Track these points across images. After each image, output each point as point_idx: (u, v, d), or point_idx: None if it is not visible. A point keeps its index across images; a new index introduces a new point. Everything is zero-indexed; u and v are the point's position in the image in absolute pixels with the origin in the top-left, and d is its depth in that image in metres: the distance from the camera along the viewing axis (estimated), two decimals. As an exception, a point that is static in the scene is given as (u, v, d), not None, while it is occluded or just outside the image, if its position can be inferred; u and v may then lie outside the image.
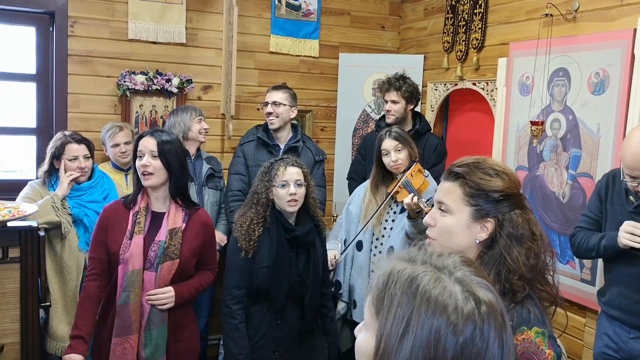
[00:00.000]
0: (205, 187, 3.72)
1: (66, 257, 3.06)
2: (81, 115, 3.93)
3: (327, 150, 4.31)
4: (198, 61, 4.22)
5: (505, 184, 1.52)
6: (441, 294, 0.86)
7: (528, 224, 1.50)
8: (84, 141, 3.21)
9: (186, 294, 2.62)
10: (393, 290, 0.89)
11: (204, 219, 2.70)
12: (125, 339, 2.51)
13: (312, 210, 2.85)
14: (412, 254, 0.96)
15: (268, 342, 2.75)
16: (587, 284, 3.06)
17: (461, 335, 0.84)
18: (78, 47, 3.89)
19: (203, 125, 3.71)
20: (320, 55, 4.62)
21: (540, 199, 3.33)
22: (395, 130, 3.32)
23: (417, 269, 0.91)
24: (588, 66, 3.05)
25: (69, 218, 3.07)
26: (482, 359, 0.84)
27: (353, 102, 4.65)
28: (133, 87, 3.93)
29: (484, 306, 0.86)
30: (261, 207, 2.74)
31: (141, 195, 2.61)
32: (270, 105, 3.69)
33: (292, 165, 2.76)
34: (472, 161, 1.58)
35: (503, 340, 0.86)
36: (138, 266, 2.50)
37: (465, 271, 0.91)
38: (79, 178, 3.17)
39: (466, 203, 1.52)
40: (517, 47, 3.52)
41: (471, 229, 1.52)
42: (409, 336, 0.84)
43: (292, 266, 2.74)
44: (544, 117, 3.27)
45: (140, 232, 2.53)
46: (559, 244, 3.23)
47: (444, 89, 4.25)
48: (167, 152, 2.55)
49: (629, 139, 2.41)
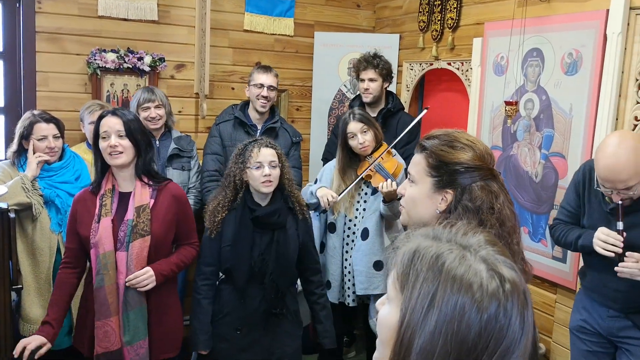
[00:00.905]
0: (169, 167, 3.62)
1: (38, 239, 3.01)
2: (50, 94, 3.84)
3: (303, 130, 4.29)
4: (170, 39, 4.15)
5: (469, 156, 1.54)
6: (467, 272, 0.89)
7: (489, 197, 1.51)
8: (53, 120, 3.14)
9: (167, 272, 2.59)
10: (419, 266, 0.91)
11: (175, 192, 2.66)
12: (105, 322, 2.50)
13: (288, 191, 2.83)
14: (437, 232, 0.99)
15: (232, 321, 2.78)
16: (559, 262, 3.12)
17: (485, 312, 0.86)
18: (46, 24, 3.78)
19: (150, 113, 3.54)
20: (295, 34, 4.57)
21: (513, 178, 3.37)
22: (359, 112, 3.33)
23: (443, 247, 0.93)
24: (561, 47, 3.07)
25: (40, 199, 3.01)
26: (504, 335, 0.86)
27: (328, 82, 4.63)
28: (104, 65, 3.85)
29: (507, 284, 0.89)
30: (231, 191, 2.75)
31: (106, 178, 2.58)
32: (267, 89, 3.66)
33: (267, 146, 2.76)
34: (440, 134, 1.61)
35: (524, 318, 0.89)
36: (109, 248, 2.48)
37: (489, 250, 0.94)
38: (50, 159, 3.10)
39: (428, 174, 1.57)
40: (492, 27, 3.53)
41: (432, 199, 1.56)
42: (434, 311, 0.87)
43: (255, 246, 2.74)
44: (517, 97, 3.30)
45: (107, 214, 2.51)
46: (531, 222, 3.28)
47: (420, 69, 4.25)
48: (134, 131, 2.52)
49: (603, 150, 2.32)
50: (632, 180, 2.22)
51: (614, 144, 2.27)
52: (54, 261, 3.02)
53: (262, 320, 2.77)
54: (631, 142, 2.24)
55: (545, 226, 3.18)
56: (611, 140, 2.31)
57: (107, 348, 2.51)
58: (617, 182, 2.25)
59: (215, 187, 3.58)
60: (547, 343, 3.24)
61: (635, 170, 2.20)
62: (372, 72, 3.74)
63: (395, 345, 0.91)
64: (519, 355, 0.88)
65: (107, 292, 2.49)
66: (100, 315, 2.50)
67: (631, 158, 2.21)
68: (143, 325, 2.54)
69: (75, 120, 3.71)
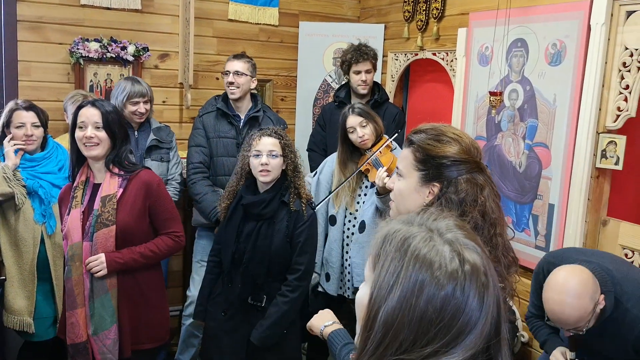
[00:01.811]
0: (148, 159, 3.57)
1: (21, 230, 2.98)
2: (32, 84, 3.79)
3: (288, 120, 4.28)
4: (154, 28, 4.11)
5: (455, 150, 1.56)
6: (429, 252, 0.95)
7: (474, 189, 1.53)
8: (34, 109, 3.09)
9: (125, 259, 2.53)
10: (388, 248, 0.98)
11: (146, 179, 2.60)
12: (73, 312, 2.51)
13: (289, 182, 2.81)
14: (411, 217, 1.05)
15: (220, 302, 2.86)
16: (542, 251, 3.15)
17: (443, 290, 0.92)
18: (28, 13, 3.73)
19: (138, 108, 3.49)
20: (280, 23, 4.55)
21: (497, 169, 3.40)
22: (358, 106, 3.31)
23: (412, 230, 1.00)
24: (545, 37, 3.09)
25: (22, 190, 2.98)
26: (461, 313, 0.92)
27: (313, 72, 4.61)
28: (86, 54, 3.81)
29: (467, 265, 0.94)
30: (238, 177, 2.85)
31: (81, 170, 2.57)
32: (232, 74, 3.62)
33: (269, 135, 2.79)
34: (427, 128, 1.64)
35: (483, 299, 0.94)
36: (76, 239, 2.49)
37: (456, 233, 1.00)
38: (27, 147, 3.06)
39: (415, 168, 1.59)
40: (477, 17, 3.54)
41: (420, 193, 1.58)
42: (397, 287, 0.94)
43: (241, 234, 2.79)
44: (502, 88, 3.31)
45: (77, 205, 2.51)
46: (515, 212, 3.31)
47: (405, 59, 4.25)
48: (111, 123, 2.51)
49: (549, 293, 2.16)
50: (579, 323, 2.14)
51: (558, 291, 2.14)
52: (38, 252, 2.99)
53: (245, 309, 2.80)
54: (576, 289, 2.10)
55: (529, 216, 3.21)
56: (556, 285, 2.16)
57: (74, 340, 2.52)
58: (564, 326, 2.20)
59: (201, 178, 3.58)
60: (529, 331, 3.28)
61: (580, 317, 2.11)
62: (369, 63, 3.74)
63: (363, 319, 0.99)
64: (476, 335, 0.93)
65: (74, 283, 2.50)
66: (68, 306, 2.53)
67: (576, 306, 2.10)
68: (108, 315, 2.52)
69: (58, 110, 3.67)
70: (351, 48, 3.81)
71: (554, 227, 3.04)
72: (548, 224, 3.08)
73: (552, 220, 3.06)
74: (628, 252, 2.72)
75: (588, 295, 2.11)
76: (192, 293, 3.65)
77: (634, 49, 2.65)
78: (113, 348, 2.53)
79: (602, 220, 2.89)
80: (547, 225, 3.09)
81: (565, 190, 2.97)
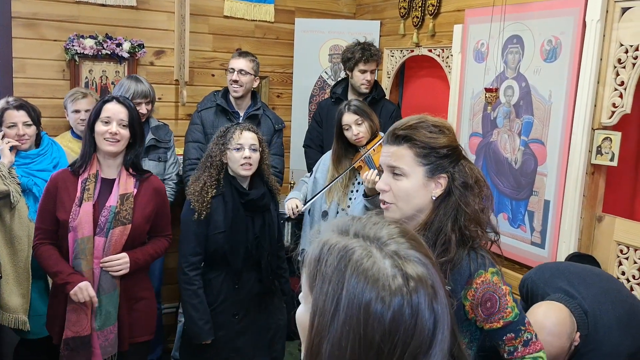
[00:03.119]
0: (146, 158, 3.54)
1: (16, 228, 2.97)
2: (27, 81, 3.78)
3: (284, 117, 4.28)
4: (150, 25, 4.09)
5: (448, 138, 1.59)
6: (370, 269, 0.86)
7: (473, 171, 1.59)
8: (25, 107, 3.07)
9: (141, 260, 2.61)
10: (324, 268, 0.88)
11: (156, 185, 2.70)
12: (79, 306, 2.51)
13: (266, 176, 2.89)
14: (346, 224, 0.95)
15: (228, 307, 2.81)
16: (538, 247, 3.16)
17: (389, 310, 0.84)
18: (22, 9, 3.72)
19: (140, 109, 3.44)
20: (275, 20, 4.54)
21: (493, 165, 3.40)
22: (355, 103, 3.29)
23: (349, 243, 0.90)
24: (541, 33, 3.09)
25: (17, 187, 2.97)
26: (413, 334, 0.85)
27: (309, 69, 4.61)
28: (82, 51, 3.80)
29: (412, 282, 0.86)
30: (214, 169, 2.77)
31: (91, 162, 2.57)
32: (237, 72, 3.62)
33: (248, 130, 2.82)
34: (415, 122, 1.63)
35: (434, 310, 0.87)
36: (88, 233, 2.48)
37: (399, 244, 0.90)
38: (21, 146, 3.05)
39: (419, 163, 1.58)
40: (473, 13, 3.53)
41: (427, 187, 1.59)
42: (340, 314, 0.85)
43: (249, 230, 2.79)
44: (497, 84, 3.31)
45: (90, 198, 2.51)
46: (510, 208, 3.31)
47: (400, 56, 4.25)
48: (135, 122, 2.56)
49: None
50: (559, 357, 2.12)
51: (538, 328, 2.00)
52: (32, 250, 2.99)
53: (257, 301, 2.84)
54: (554, 328, 2.08)
55: (525, 212, 3.22)
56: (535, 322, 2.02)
57: (78, 332, 2.52)
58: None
59: None
60: (526, 327, 3.29)
61: (557, 354, 2.09)
62: (375, 64, 3.73)
63: (306, 349, 0.90)
64: (437, 350, 0.86)
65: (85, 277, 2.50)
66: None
67: (554, 344, 2.06)
68: (114, 311, 2.56)
69: (54, 108, 3.66)
70: (358, 46, 3.76)
71: (549, 223, 3.05)
72: (544, 220, 3.09)
73: (548, 216, 3.06)
74: (623, 248, 2.73)
75: (565, 334, 2.10)
76: None
77: (629, 45, 2.65)
78: (114, 342, 2.58)
79: (598, 217, 2.90)
80: (542, 221, 3.09)
81: (560, 186, 2.97)
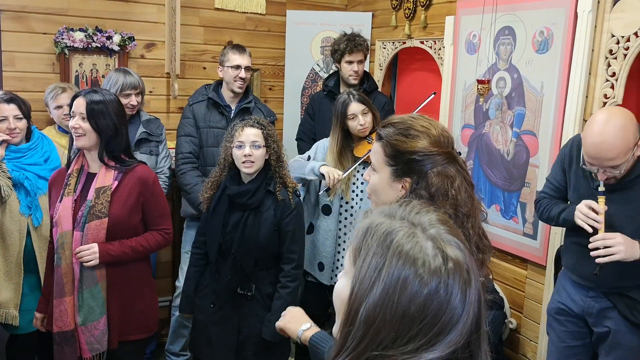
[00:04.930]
0: (137, 152, 3.51)
1: (7, 222, 2.95)
2: (16, 75, 3.74)
3: (276, 109, 4.26)
4: (140, 17, 4.06)
5: (424, 144, 1.51)
6: (413, 248, 0.93)
7: (444, 183, 1.49)
8: (15, 101, 3.05)
9: (116, 252, 2.54)
10: (370, 242, 0.96)
11: (141, 174, 2.61)
12: (61, 300, 2.52)
13: (273, 172, 2.82)
14: (393, 209, 1.02)
15: (209, 293, 2.86)
16: (529, 238, 3.17)
17: (426, 287, 0.90)
18: (11, 2, 3.67)
19: (130, 100, 3.43)
20: (267, 12, 4.52)
21: (485, 157, 3.41)
22: (358, 93, 3.29)
23: (394, 224, 0.97)
24: (533, 25, 3.09)
25: (8, 182, 2.95)
26: (444, 311, 0.91)
27: (301, 61, 4.59)
28: (71, 44, 3.76)
29: (450, 263, 0.93)
30: (221, 168, 2.84)
31: (77, 157, 2.58)
32: (244, 70, 3.60)
33: (251, 126, 2.78)
34: (395, 121, 1.60)
35: (466, 295, 0.93)
36: (67, 228, 2.49)
37: (439, 229, 0.98)
38: (12, 140, 3.03)
39: (386, 163, 1.56)
40: (465, 5, 3.53)
41: (392, 188, 1.56)
42: (379, 283, 0.92)
43: (227, 224, 2.78)
44: (490, 76, 3.31)
45: (70, 193, 2.52)
46: (503, 200, 3.32)
47: (393, 48, 4.24)
48: (96, 114, 2.49)
49: (590, 127, 2.25)
50: (619, 159, 2.19)
51: (602, 122, 2.22)
52: (24, 245, 2.97)
53: (233, 298, 2.81)
54: (619, 120, 2.20)
55: (517, 203, 3.23)
56: (599, 117, 2.26)
57: (61, 328, 2.52)
58: (603, 160, 2.22)
59: (191, 169, 3.56)
60: (518, 318, 3.31)
61: (622, 149, 2.17)
62: (362, 54, 3.72)
63: (344, 314, 0.96)
64: (457, 332, 0.91)
65: (63, 271, 2.51)
66: (56, 294, 2.53)
67: (619, 136, 2.17)
68: (98, 306, 2.53)
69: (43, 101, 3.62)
70: (344, 37, 3.76)
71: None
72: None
73: (540, 207, 3.07)
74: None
75: (632, 129, 2.18)
76: (181, 283, 3.63)
77: (621, 36, 2.66)
78: (101, 339, 2.54)
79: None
80: (534, 212, 3.10)
81: (552, 177, 2.98)
